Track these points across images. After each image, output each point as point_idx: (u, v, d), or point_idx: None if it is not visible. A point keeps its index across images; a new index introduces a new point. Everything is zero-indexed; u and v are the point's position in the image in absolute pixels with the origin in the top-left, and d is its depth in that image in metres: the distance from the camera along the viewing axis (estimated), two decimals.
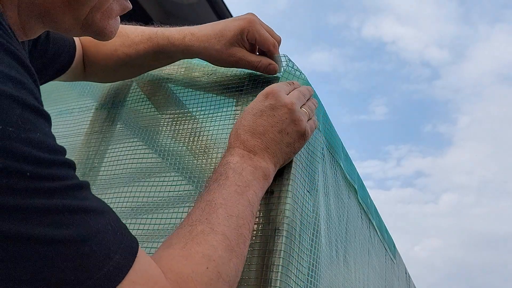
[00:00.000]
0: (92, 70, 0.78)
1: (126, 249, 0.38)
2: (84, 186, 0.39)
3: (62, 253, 0.33)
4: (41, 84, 0.70)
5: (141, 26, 0.76)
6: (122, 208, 0.71)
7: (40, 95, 0.45)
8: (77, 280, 0.34)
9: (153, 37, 0.71)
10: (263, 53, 0.71)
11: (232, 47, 0.66)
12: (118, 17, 0.51)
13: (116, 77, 0.83)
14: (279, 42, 0.69)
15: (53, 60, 0.69)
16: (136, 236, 0.43)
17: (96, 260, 0.35)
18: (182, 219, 0.49)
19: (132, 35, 0.73)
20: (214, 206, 0.48)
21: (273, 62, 0.68)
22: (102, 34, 0.49)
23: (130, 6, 0.52)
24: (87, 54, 0.77)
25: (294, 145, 0.58)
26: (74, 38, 0.74)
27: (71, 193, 0.36)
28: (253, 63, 0.68)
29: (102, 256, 0.36)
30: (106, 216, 0.39)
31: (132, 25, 0.77)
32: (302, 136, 0.58)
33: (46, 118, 0.38)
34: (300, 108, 0.59)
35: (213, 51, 0.67)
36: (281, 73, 0.70)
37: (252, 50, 0.70)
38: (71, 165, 0.38)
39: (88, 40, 0.77)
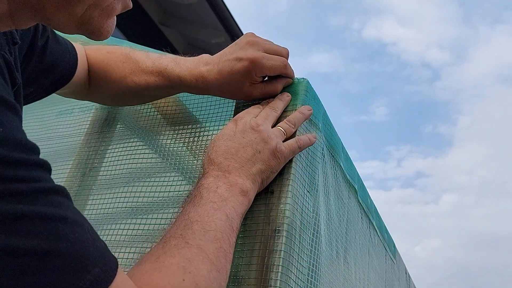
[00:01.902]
0: (98, 91, 0.76)
1: (107, 262, 0.35)
2: (60, 191, 0.35)
3: (28, 266, 0.30)
4: (39, 98, 0.68)
5: (151, 54, 0.73)
6: (122, 208, 0.71)
7: (10, 87, 0.41)
8: None
9: (163, 72, 0.68)
10: None
11: (243, 86, 0.65)
12: (115, 16, 0.48)
13: (122, 103, 0.80)
14: (287, 55, 0.67)
15: (49, 70, 0.66)
16: (136, 236, 0.42)
17: (70, 273, 0.32)
18: None
19: (142, 65, 0.71)
20: (190, 223, 0.47)
21: (289, 72, 0.67)
22: (97, 34, 0.46)
23: (131, 5, 0.49)
24: (94, 75, 0.74)
25: (270, 163, 0.57)
26: (80, 54, 0.72)
27: (43, 197, 0.33)
28: (272, 91, 0.67)
29: (77, 269, 0.32)
30: (85, 226, 0.35)
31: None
32: (274, 154, 0.58)
33: (14, 110, 0.34)
34: (273, 126, 0.61)
35: (227, 93, 0.67)
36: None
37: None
38: (44, 166, 0.35)
39: (96, 60, 0.74)
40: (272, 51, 0.65)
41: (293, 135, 0.63)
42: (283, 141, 0.60)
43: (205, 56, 0.69)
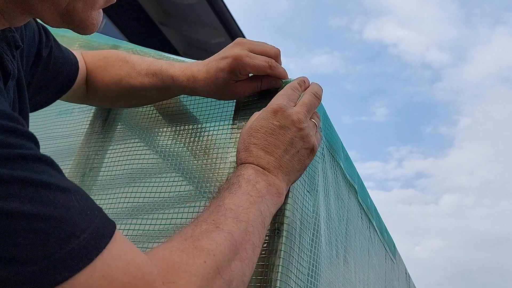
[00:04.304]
0: (95, 95, 0.77)
1: (98, 229, 0.34)
2: (44, 160, 0.34)
3: (10, 227, 0.30)
4: (45, 106, 0.70)
5: (147, 58, 0.75)
6: (123, 209, 0.71)
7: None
8: (31, 258, 0.30)
9: (158, 73, 0.70)
10: None
11: (230, 85, 0.66)
12: (101, 10, 0.49)
13: (118, 105, 0.82)
14: (277, 55, 0.66)
15: (53, 79, 0.68)
16: (136, 237, 0.41)
17: (55, 237, 0.31)
18: (183, 219, 0.48)
19: (138, 67, 0.72)
20: (223, 210, 0.47)
21: (274, 78, 0.66)
22: (83, 26, 0.47)
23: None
24: (91, 79, 0.76)
25: (305, 162, 0.58)
26: (79, 60, 0.73)
27: (23, 163, 0.32)
28: (255, 88, 0.67)
29: (64, 234, 0.32)
30: (72, 194, 0.34)
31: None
32: (312, 152, 0.58)
33: None
34: (310, 119, 0.59)
35: (215, 93, 0.68)
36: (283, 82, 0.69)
37: None
38: (29, 136, 0.35)
39: (93, 65, 0.76)
40: (258, 51, 0.64)
41: None
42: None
43: (199, 61, 0.70)
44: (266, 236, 0.57)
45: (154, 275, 0.36)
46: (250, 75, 0.67)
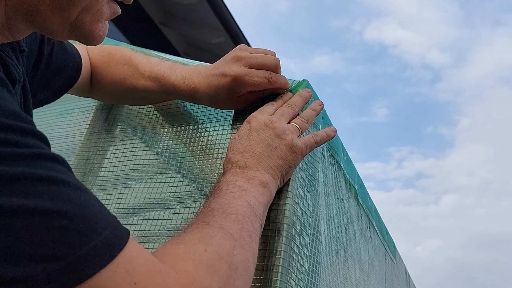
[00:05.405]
0: (99, 90, 0.79)
1: (118, 228, 0.35)
2: (60, 161, 0.35)
3: (34, 225, 0.30)
4: (49, 101, 0.71)
5: (151, 58, 0.75)
6: (123, 209, 0.71)
7: (10, 68, 0.44)
8: (56, 255, 0.30)
9: (160, 79, 0.70)
10: None
11: (231, 99, 0.66)
12: (107, 22, 0.50)
13: (121, 102, 0.83)
14: (277, 67, 0.65)
15: (56, 76, 0.68)
16: (136, 237, 0.41)
17: (78, 233, 0.32)
18: (183, 220, 0.49)
19: (141, 69, 0.73)
20: (211, 211, 0.48)
21: (277, 85, 0.66)
22: (90, 38, 0.47)
23: (120, 11, 0.50)
24: (95, 75, 0.77)
25: (287, 158, 0.58)
26: (83, 56, 0.74)
27: (43, 162, 0.33)
28: (258, 99, 0.67)
29: (86, 230, 0.32)
30: (89, 193, 0.35)
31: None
32: (291, 148, 0.58)
33: (4, 85, 0.35)
34: (288, 123, 0.61)
35: (217, 104, 0.69)
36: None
37: None
38: (42, 137, 0.35)
39: (98, 61, 0.77)
40: (257, 65, 0.64)
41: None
42: (299, 137, 0.61)
43: (200, 67, 0.70)
44: (267, 236, 0.57)
45: (168, 269, 0.37)
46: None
